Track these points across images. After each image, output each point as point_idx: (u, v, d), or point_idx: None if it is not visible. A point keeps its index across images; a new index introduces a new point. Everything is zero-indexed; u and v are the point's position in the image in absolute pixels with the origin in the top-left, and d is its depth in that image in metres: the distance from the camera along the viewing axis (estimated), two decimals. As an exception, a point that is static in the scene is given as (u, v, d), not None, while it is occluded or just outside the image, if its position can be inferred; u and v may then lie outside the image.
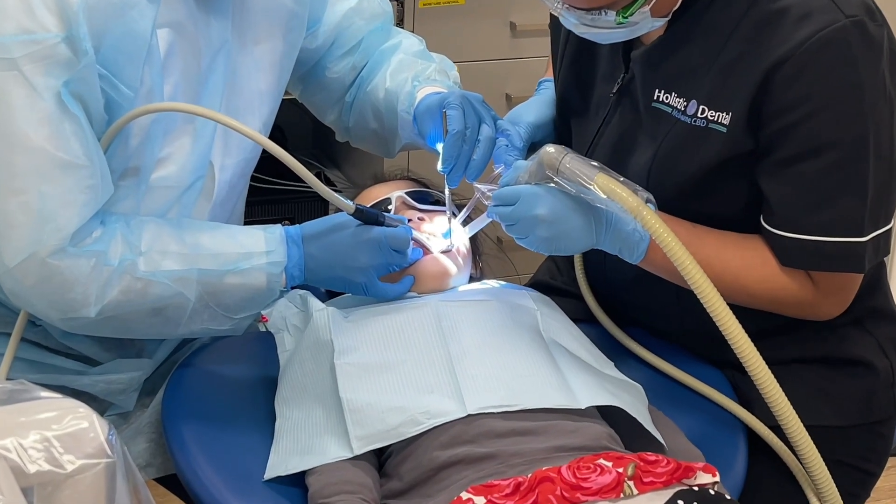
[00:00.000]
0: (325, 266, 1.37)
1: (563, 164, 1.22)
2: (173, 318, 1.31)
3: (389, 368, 1.27)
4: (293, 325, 1.42)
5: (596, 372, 1.31)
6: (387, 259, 1.38)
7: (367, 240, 1.37)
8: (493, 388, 1.23)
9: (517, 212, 1.27)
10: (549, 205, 1.25)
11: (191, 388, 1.38)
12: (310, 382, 1.31)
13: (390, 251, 1.38)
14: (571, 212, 1.25)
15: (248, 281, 1.33)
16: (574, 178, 1.21)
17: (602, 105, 1.43)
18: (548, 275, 1.67)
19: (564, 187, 1.23)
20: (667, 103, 1.33)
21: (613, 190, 1.18)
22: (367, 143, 1.69)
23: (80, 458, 0.86)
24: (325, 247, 1.37)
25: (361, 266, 1.37)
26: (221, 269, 1.31)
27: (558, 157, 1.22)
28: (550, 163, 1.23)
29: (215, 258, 1.32)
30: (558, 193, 1.25)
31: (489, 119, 1.43)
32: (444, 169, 1.41)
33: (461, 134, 1.39)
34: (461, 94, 1.42)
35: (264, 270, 1.33)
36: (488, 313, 1.36)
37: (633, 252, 1.29)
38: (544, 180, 1.25)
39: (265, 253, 1.34)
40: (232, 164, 1.44)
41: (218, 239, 1.33)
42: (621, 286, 1.49)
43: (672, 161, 1.32)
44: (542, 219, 1.25)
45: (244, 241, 1.34)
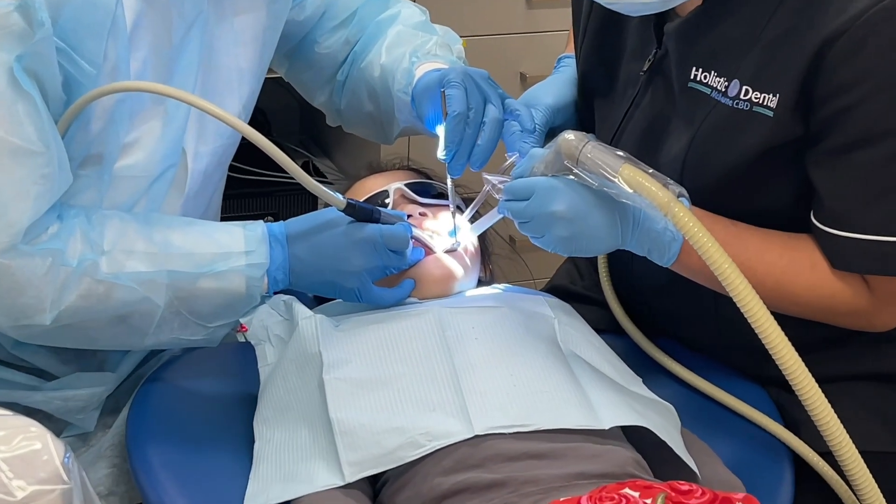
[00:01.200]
0: (312, 269, 1.37)
1: (583, 154, 1.22)
2: (140, 326, 1.31)
3: (386, 384, 1.27)
4: (276, 336, 1.42)
5: (621, 389, 1.31)
6: (383, 261, 1.38)
7: (361, 239, 1.37)
8: (503, 405, 1.23)
9: (532, 207, 1.27)
10: (569, 200, 1.25)
11: (159, 406, 1.38)
12: (294, 400, 1.31)
13: (387, 252, 1.38)
14: (593, 208, 1.25)
15: (225, 285, 1.33)
16: (596, 170, 1.21)
17: (630, 86, 1.43)
18: (567, 279, 1.67)
19: (585, 180, 1.23)
20: (705, 83, 1.33)
21: (641, 183, 1.18)
22: (361, 127, 1.69)
23: (32, 483, 0.86)
24: (312, 247, 1.37)
25: (354, 269, 1.37)
26: (194, 271, 1.31)
27: (578, 146, 1.22)
28: (570, 152, 1.23)
29: (188, 259, 1.31)
30: (578, 187, 1.25)
31: (496, 98, 1.42)
32: (444, 156, 1.41)
33: (463, 116, 1.39)
34: (463, 71, 1.42)
35: (243, 273, 1.33)
36: (499, 322, 1.36)
37: (664, 254, 1.29)
38: (563, 172, 1.25)
39: (244, 253, 1.34)
40: (208, 152, 1.45)
41: (191, 237, 1.33)
42: (650, 292, 1.49)
43: (710, 149, 1.32)
44: (561, 215, 1.25)
45: (221, 239, 1.34)
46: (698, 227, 1.16)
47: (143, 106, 1.34)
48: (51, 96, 1.25)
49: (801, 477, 1.37)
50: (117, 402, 1.47)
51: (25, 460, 0.86)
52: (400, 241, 1.39)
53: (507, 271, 1.70)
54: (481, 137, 1.40)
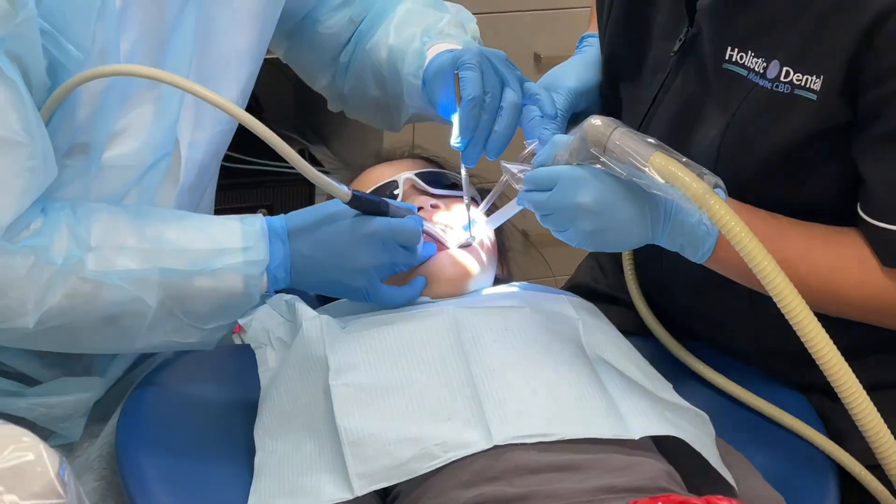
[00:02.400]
0: (315, 267, 1.37)
1: (611, 141, 1.22)
2: (130, 328, 1.32)
3: (397, 391, 1.27)
4: (277, 338, 1.42)
5: (651, 396, 1.31)
6: (391, 257, 1.38)
7: (367, 234, 1.37)
8: (524, 413, 1.24)
9: (555, 199, 1.27)
10: (595, 190, 1.25)
11: (151, 413, 1.38)
12: (298, 408, 1.31)
13: (396, 248, 1.38)
14: (622, 199, 1.25)
15: (222, 284, 1.33)
16: (625, 158, 1.21)
17: (660, 67, 1.43)
18: (590, 276, 1.68)
19: (613, 169, 1.23)
20: (742, 64, 1.33)
21: (674, 173, 1.18)
22: (366, 113, 1.70)
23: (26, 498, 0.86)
24: (315, 243, 1.37)
25: (360, 267, 1.38)
26: (189, 269, 1.32)
27: (606, 132, 1.22)
28: (596, 138, 1.23)
29: (181, 256, 1.32)
30: (606, 177, 1.25)
31: (514, 81, 1.43)
32: (458, 144, 1.42)
33: (479, 100, 1.39)
34: (478, 51, 1.42)
35: (241, 272, 1.34)
36: (518, 323, 1.36)
37: (698, 249, 1.29)
38: (588, 160, 1.25)
39: (242, 250, 1.34)
40: (204, 140, 1.45)
41: (185, 232, 1.34)
42: (681, 291, 1.49)
43: (748, 136, 1.32)
44: (586, 208, 1.25)
45: (217, 234, 1.35)
46: (735, 221, 1.17)
47: (134, 91, 1.35)
48: (34, 82, 1.26)
49: (846, 492, 1.37)
50: (105, 410, 1.47)
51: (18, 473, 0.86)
52: (410, 235, 1.39)
53: (525, 268, 1.70)
54: (498, 123, 1.40)
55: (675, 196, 1.21)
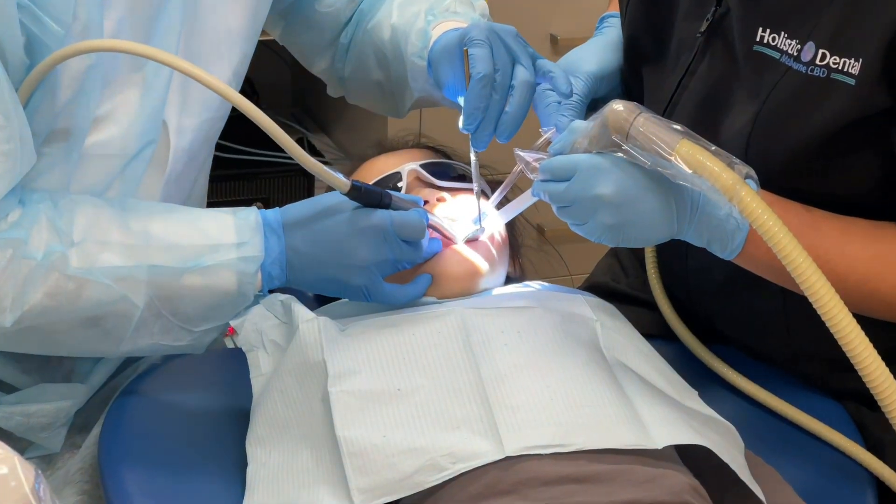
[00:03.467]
0: (312, 263, 1.37)
1: (635, 128, 1.22)
2: (115, 329, 1.32)
3: (401, 398, 1.27)
4: (271, 341, 1.42)
5: (675, 403, 1.31)
6: (394, 253, 1.38)
7: (368, 228, 1.37)
8: (539, 422, 1.23)
9: (574, 189, 1.27)
10: (616, 181, 1.25)
11: (136, 423, 1.38)
12: (294, 416, 1.31)
13: (399, 243, 1.38)
14: (645, 191, 1.25)
15: (213, 282, 1.33)
16: (650, 146, 1.21)
17: (685, 49, 1.43)
18: (609, 275, 1.68)
19: (636, 158, 1.23)
20: (774, 46, 1.33)
21: (702, 163, 1.18)
22: (368, 98, 1.69)
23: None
24: (312, 238, 1.37)
25: (360, 263, 1.37)
26: (178, 265, 1.32)
27: (629, 118, 1.22)
28: (618, 125, 1.23)
29: (170, 252, 1.32)
30: (628, 166, 1.25)
31: (526, 58, 1.42)
32: (467, 126, 1.41)
33: (489, 78, 1.39)
34: (488, 27, 1.42)
35: (234, 269, 1.34)
36: (532, 325, 1.36)
37: (727, 245, 1.29)
38: (610, 148, 1.25)
39: (235, 246, 1.34)
40: (192, 126, 1.45)
41: (174, 226, 1.34)
42: (708, 291, 1.49)
43: (780, 124, 1.32)
44: (607, 199, 1.25)
45: (208, 228, 1.35)
46: (768, 214, 1.16)
47: (118, 73, 1.34)
48: (11, 61, 1.25)
49: (885, 506, 1.37)
50: (87, 419, 1.48)
51: (-10, 486, 0.86)
52: (414, 229, 1.39)
53: (539, 266, 1.70)
54: (510, 103, 1.40)
55: (702, 187, 1.20)
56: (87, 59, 1.29)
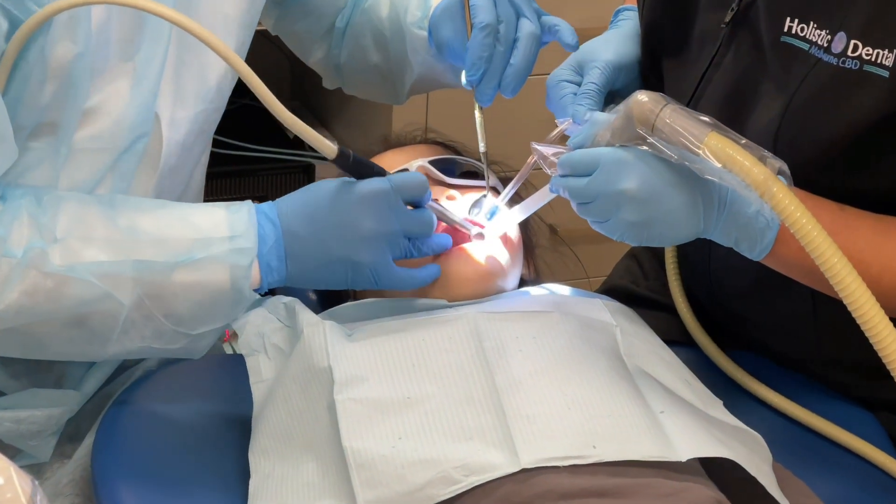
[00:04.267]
0: (313, 246, 1.35)
1: (661, 119, 1.21)
2: (100, 330, 1.31)
3: (411, 406, 1.27)
4: (273, 345, 1.42)
5: (699, 413, 1.31)
6: (401, 222, 1.36)
7: (369, 194, 1.35)
8: (556, 432, 1.23)
9: (596, 184, 1.26)
10: (641, 175, 1.24)
11: (132, 433, 1.38)
12: (298, 426, 1.31)
13: (404, 210, 1.36)
14: (671, 186, 1.25)
15: (205, 278, 1.32)
16: (677, 139, 1.20)
17: (709, 41, 1.42)
18: (628, 277, 1.67)
19: (663, 151, 1.22)
20: (802, 37, 1.32)
21: (731, 156, 1.17)
22: (365, 85, 1.70)
23: (-6, 527, 0.85)
24: (310, 218, 1.36)
25: (367, 234, 1.35)
26: (166, 260, 1.31)
27: (655, 109, 1.21)
28: (643, 116, 1.22)
29: (158, 246, 1.31)
30: (653, 160, 1.24)
31: (530, 10, 1.42)
32: (470, 76, 1.40)
33: (492, 27, 1.39)
34: None
35: (226, 262, 1.32)
36: (548, 330, 1.36)
37: (756, 244, 1.29)
38: (634, 141, 1.24)
39: (228, 239, 1.33)
40: (187, 118, 1.45)
41: (163, 221, 1.33)
42: (733, 294, 1.49)
43: (810, 118, 1.32)
44: (631, 195, 1.24)
45: (199, 223, 1.34)
46: (801, 211, 1.15)
47: (108, 62, 1.34)
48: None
49: (921, 522, 1.37)
50: (78, 428, 1.47)
51: (-16, 498, 0.86)
52: (416, 186, 1.36)
53: (554, 268, 1.70)
54: (515, 56, 1.41)
55: (732, 182, 1.20)
56: (73, 47, 1.28)
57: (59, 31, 1.27)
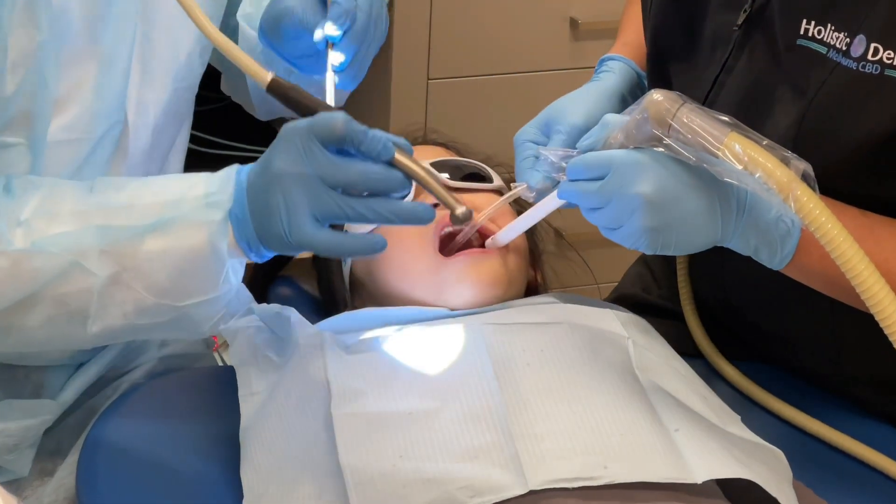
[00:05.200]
0: (257, 191, 1.27)
1: (678, 119, 1.20)
2: (77, 306, 1.28)
3: (412, 422, 1.26)
4: (264, 357, 1.42)
5: (716, 430, 1.31)
6: (315, 165, 1.22)
7: (283, 132, 1.25)
8: (565, 452, 1.23)
9: (609, 188, 1.25)
10: (658, 178, 1.24)
11: (119, 449, 1.37)
12: (294, 443, 1.31)
13: (320, 150, 1.22)
14: (690, 189, 1.24)
15: (180, 241, 1.28)
16: (695, 140, 1.20)
17: (720, 44, 1.42)
18: (639, 285, 1.68)
19: (680, 153, 1.22)
20: (820, 40, 1.32)
21: (753, 158, 1.17)
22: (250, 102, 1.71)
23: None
24: (259, 165, 1.28)
25: (277, 173, 1.23)
26: (135, 224, 1.27)
27: (671, 109, 1.21)
28: (660, 116, 1.21)
29: (127, 212, 1.28)
30: (670, 162, 1.24)
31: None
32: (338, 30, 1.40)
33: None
34: None
35: (199, 219, 1.27)
36: (557, 342, 1.36)
37: (776, 252, 1.29)
38: (649, 143, 1.24)
39: (203, 196, 1.29)
40: (156, 101, 1.45)
41: (136, 190, 1.31)
42: (748, 305, 1.49)
43: (830, 125, 1.32)
44: (647, 198, 1.24)
45: (174, 186, 1.30)
46: (826, 216, 1.15)
47: (74, 46, 1.33)
48: None
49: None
50: (59, 442, 1.47)
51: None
52: (334, 126, 1.22)
53: (561, 275, 1.70)
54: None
55: (753, 186, 1.19)
56: (37, 34, 1.28)
57: (17, 17, 1.26)
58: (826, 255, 1.16)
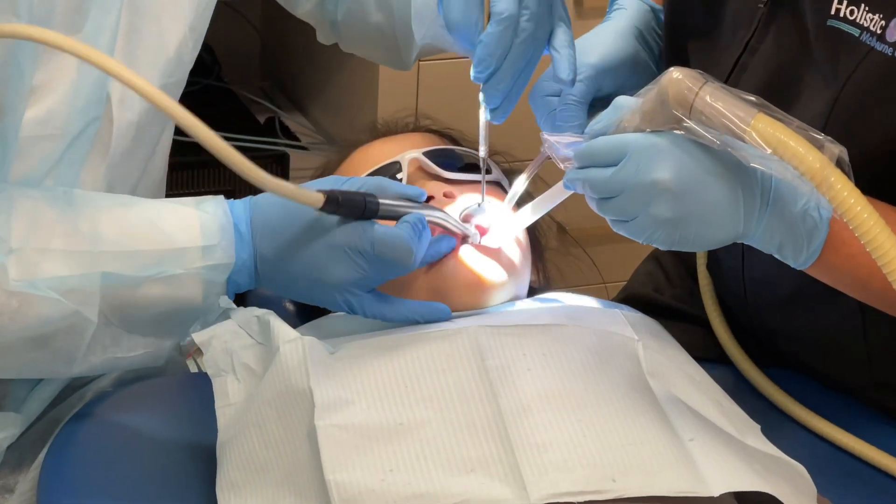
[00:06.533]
0: (282, 274, 1.39)
1: (700, 99, 1.20)
2: (66, 349, 1.31)
3: (403, 434, 1.26)
4: (243, 365, 1.40)
5: (734, 441, 1.31)
6: (377, 271, 1.38)
7: (341, 246, 1.36)
8: (570, 463, 1.22)
9: (623, 175, 1.25)
10: (678, 164, 1.23)
11: (84, 462, 1.37)
12: (274, 457, 1.30)
13: (382, 261, 1.37)
14: (713, 177, 1.24)
15: (176, 292, 1.34)
16: (719, 121, 1.19)
17: (743, 22, 1.42)
18: (650, 285, 1.68)
19: (704, 136, 1.21)
20: (852, 21, 1.32)
21: (783, 141, 1.16)
22: (366, 46, 1.70)
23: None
24: (281, 247, 1.37)
25: (335, 282, 1.38)
26: (136, 274, 1.32)
27: (693, 88, 1.20)
28: (680, 96, 1.21)
29: (127, 259, 1.32)
30: (690, 146, 1.24)
31: (563, 11, 1.42)
32: (477, 73, 1.39)
33: (512, 21, 1.37)
34: None
35: (200, 278, 1.35)
36: (561, 346, 1.35)
37: (802, 249, 1.28)
38: (668, 125, 1.23)
39: (201, 249, 1.34)
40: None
41: (129, 225, 1.34)
42: (770, 306, 1.49)
43: (861, 114, 1.32)
44: (665, 187, 1.23)
45: (170, 228, 1.34)
46: (862, 205, 1.14)
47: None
48: None
49: None
50: (21, 457, 1.47)
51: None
52: (397, 249, 1.37)
53: (566, 273, 1.70)
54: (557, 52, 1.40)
55: (782, 172, 1.19)
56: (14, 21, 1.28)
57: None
58: (855, 255, 1.16)
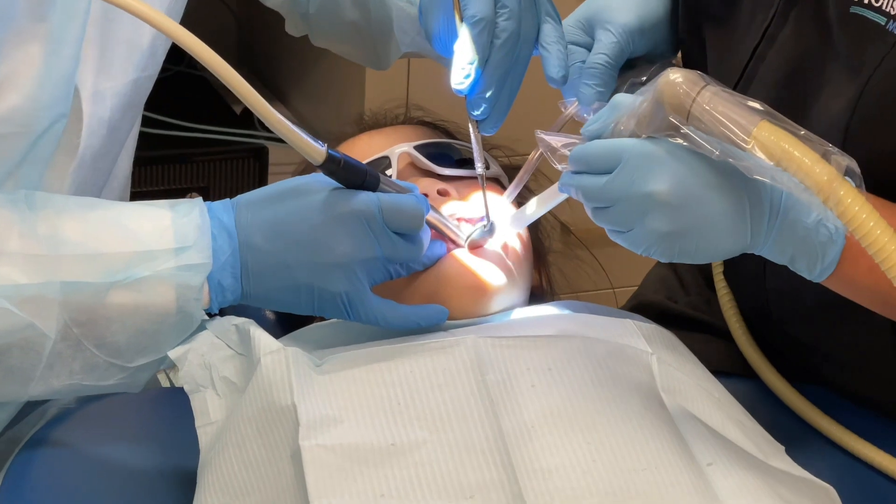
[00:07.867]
0: (276, 264, 1.35)
1: (698, 105, 1.20)
2: (20, 368, 1.30)
3: (396, 456, 1.26)
4: (223, 379, 1.40)
5: (756, 463, 1.31)
6: (384, 248, 1.37)
7: (349, 214, 1.35)
8: (578, 491, 1.22)
9: (617, 185, 1.25)
10: (674, 175, 1.23)
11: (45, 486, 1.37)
12: (255, 480, 1.30)
13: (390, 235, 1.36)
14: (712, 189, 1.24)
15: (147, 299, 1.32)
16: (718, 130, 1.19)
17: (761, 9, 1.43)
18: (663, 291, 1.68)
19: (701, 145, 1.21)
20: (878, 8, 1.32)
21: (787, 152, 1.16)
22: (339, 42, 1.71)
23: None
24: (274, 228, 1.35)
25: (338, 259, 1.35)
26: (100, 280, 1.30)
27: (691, 93, 1.20)
28: (677, 100, 1.21)
29: (89, 263, 1.30)
30: (689, 156, 1.23)
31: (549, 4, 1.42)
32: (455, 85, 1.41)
33: (487, 23, 1.38)
34: None
35: (172, 280, 1.32)
36: (567, 360, 1.35)
37: (816, 262, 1.28)
38: (665, 131, 1.23)
39: (174, 251, 1.32)
40: (114, 90, 1.45)
41: (93, 228, 1.33)
42: (794, 319, 1.50)
43: (888, 110, 1.32)
44: (662, 199, 1.23)
45: (139, 230, 1.33)
46: (875, 220, 1.14)
47: (15, 23, 1.33)
48: None
49: None
50: (-23, 480, 1.47)
51: None
52: (409, 216, 1.36)
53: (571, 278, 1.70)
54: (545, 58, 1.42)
55: (787, 184, 1.19)
56: None
57: None
58: (875, 267, 1.15)
